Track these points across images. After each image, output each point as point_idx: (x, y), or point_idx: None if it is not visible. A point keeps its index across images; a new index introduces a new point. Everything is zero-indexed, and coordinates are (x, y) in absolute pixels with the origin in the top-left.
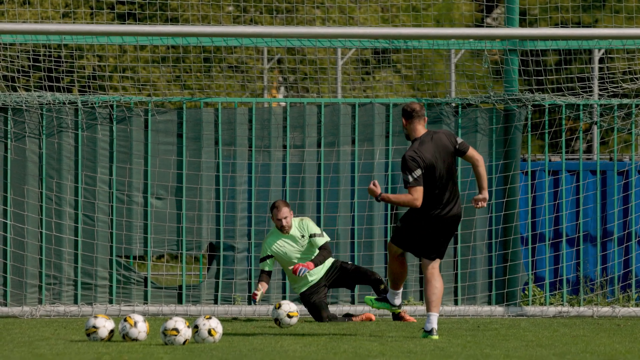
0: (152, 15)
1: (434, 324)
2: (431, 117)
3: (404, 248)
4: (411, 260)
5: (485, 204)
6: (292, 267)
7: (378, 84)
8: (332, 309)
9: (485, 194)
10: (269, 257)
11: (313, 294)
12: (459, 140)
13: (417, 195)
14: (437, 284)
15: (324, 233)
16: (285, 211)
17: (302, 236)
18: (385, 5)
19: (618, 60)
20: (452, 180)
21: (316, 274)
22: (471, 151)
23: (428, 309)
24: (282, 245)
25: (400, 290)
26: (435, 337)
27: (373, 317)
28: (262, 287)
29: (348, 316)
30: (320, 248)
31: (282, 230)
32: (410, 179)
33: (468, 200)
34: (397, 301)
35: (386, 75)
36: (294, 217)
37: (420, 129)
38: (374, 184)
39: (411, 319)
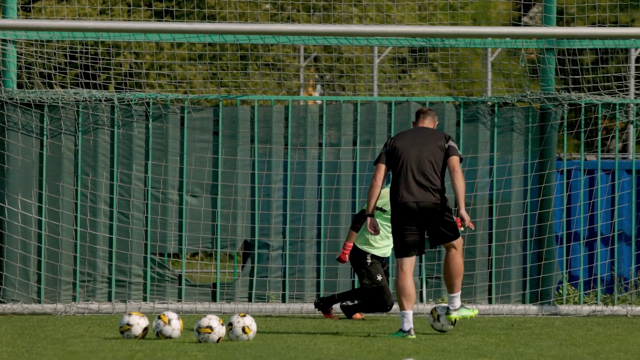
0: (189, 12)
1: (405, 325)
2: (467, 115)
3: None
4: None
5: (467, 224)
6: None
7: (414, 82)
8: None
9: (461, 213)
10: (382, 210)
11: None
12: (452, 144)
13: (376, 172)
14: (404, 284)
15: None
16: None
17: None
18: (423, 4)
19: None
20: (428, 172)
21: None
22: (453, 160)
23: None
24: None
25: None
26: (412, 336)
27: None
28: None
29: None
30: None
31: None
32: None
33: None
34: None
35: (422, 73)
36: None
37: (420, 124)
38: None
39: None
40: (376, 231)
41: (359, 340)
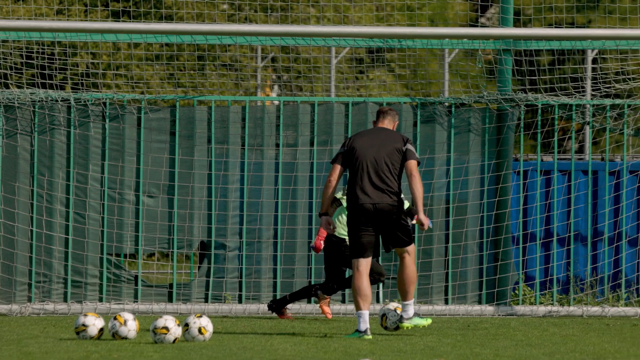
0: (147, 13)
1: (361, 325)
2: (424, 116)
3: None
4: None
5: (424, 227)
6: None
7: (372, 83)
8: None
9: (420, 217)
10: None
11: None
12: (410, 147)
13: (332, 171)
14: (360, 284)
15: None
16: None
17: None
18: (380, 4)
19: (611, 61)
20: (384, 174)
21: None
22: (410, 164)
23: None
24: None
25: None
26: (369, 337)
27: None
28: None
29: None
30: None
31: None
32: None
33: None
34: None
35: (380, 74)
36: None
37: (379, 125)
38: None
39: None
40: (331, 229)
41: (315, 340)
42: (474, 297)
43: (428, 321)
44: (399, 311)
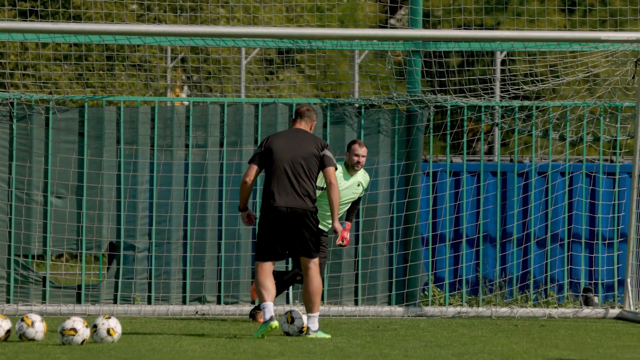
0: (55, 12)
1: (267, 314)
2: (334, 117)
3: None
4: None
5: (340, 239)
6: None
7: (282, 83)
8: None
9: (335, 225)
10: (321, 188)
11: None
12: (327, 153)
13: (248, 171)
14: (264, 280)
15: None
16: (365, 151)
17: (359, 185)
18: (290, 5)
19: (519, 63)
20: (301, 178)
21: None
22: (329, 172)
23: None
24: (341, 182)
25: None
26: (275, 323)
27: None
28: None
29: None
30: (356, 203)
31: (355, 166)
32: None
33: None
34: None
35: (290, 75)
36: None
37: (296, 125)
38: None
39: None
40: (250, 222)
41: (224, 341)
42: (384, 298)
43: (329, 336)
44: (302, 313)
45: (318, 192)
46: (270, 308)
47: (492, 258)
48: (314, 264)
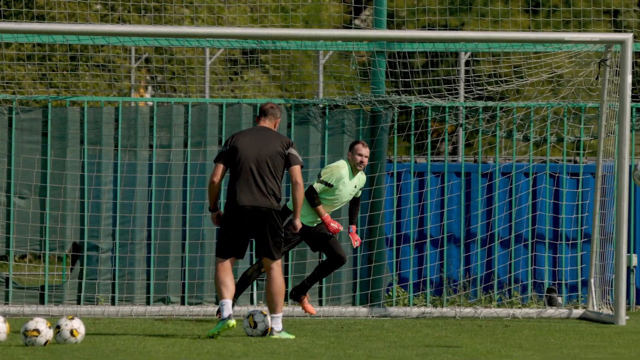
0: (18, 12)
1: (225, 312)
2: (298, 118)
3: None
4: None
5: (297, 230)
6: (332, 221)
7: (246, 84)
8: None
9: (296, 222)
10: (329, 185)
11: (316, 234)
12: (293, 151)
13: (215, 170)
14: (224, 278)
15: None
16: (368, 151)
17: (355, 186)
18: (254, 6)
19: (483, 64)
20: (266, 176)
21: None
22: (294, 171)
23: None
24: (346, 182)
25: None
26: (232, 322)
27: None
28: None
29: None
30: (355, 201)
31: (358, 166)
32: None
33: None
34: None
35: (254, 75)
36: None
37: (261, 123)
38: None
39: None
40: (218, 223)
41: (188, 342)
42: (348, 299)
43: (293, 336)
44: (264, 313)
45: (321, 188)
46: (228, 306)
47: (456, 258)
48: (277, 265)
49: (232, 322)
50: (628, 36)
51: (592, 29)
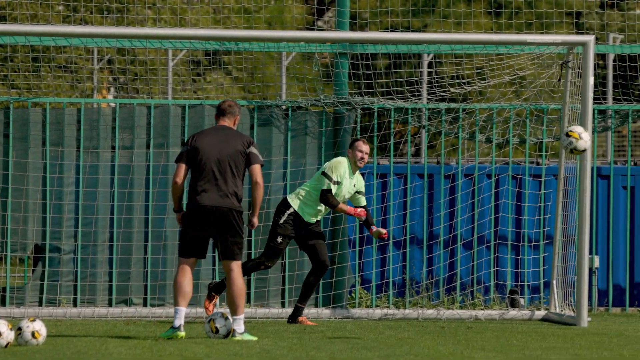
0: None
1: (176, 321)
2: (261, 119)
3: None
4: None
5: (253, 227)
6: (358, 210)
7: (209, 85)
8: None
9: (252, 220)
10: (338, 183)
11: (314, 232)
12: (254, 150)
13: (177, 171)
14: (182, 281)
15: None
16: (368, 148)
17: (354, 185)
18: (217, 7)
19: (446, 65)
20: (227, 176)
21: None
22: (255, 170)
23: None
24: (347, 177)
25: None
26: (182, 333)
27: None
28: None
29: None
30: (362, 206)
31: (359, 162)
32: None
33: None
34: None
35: (217, 77)
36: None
37: (220, 122)
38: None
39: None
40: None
41: (151, 344)
42: (311, 300)
43: (255, 338)
44: (226, 316)
45: (336, 188)
46: (181, 314)
47: (418, 260)
48: (237, 266)
49: (182, 333)
50: (590, 38)
51: (554, 31)
